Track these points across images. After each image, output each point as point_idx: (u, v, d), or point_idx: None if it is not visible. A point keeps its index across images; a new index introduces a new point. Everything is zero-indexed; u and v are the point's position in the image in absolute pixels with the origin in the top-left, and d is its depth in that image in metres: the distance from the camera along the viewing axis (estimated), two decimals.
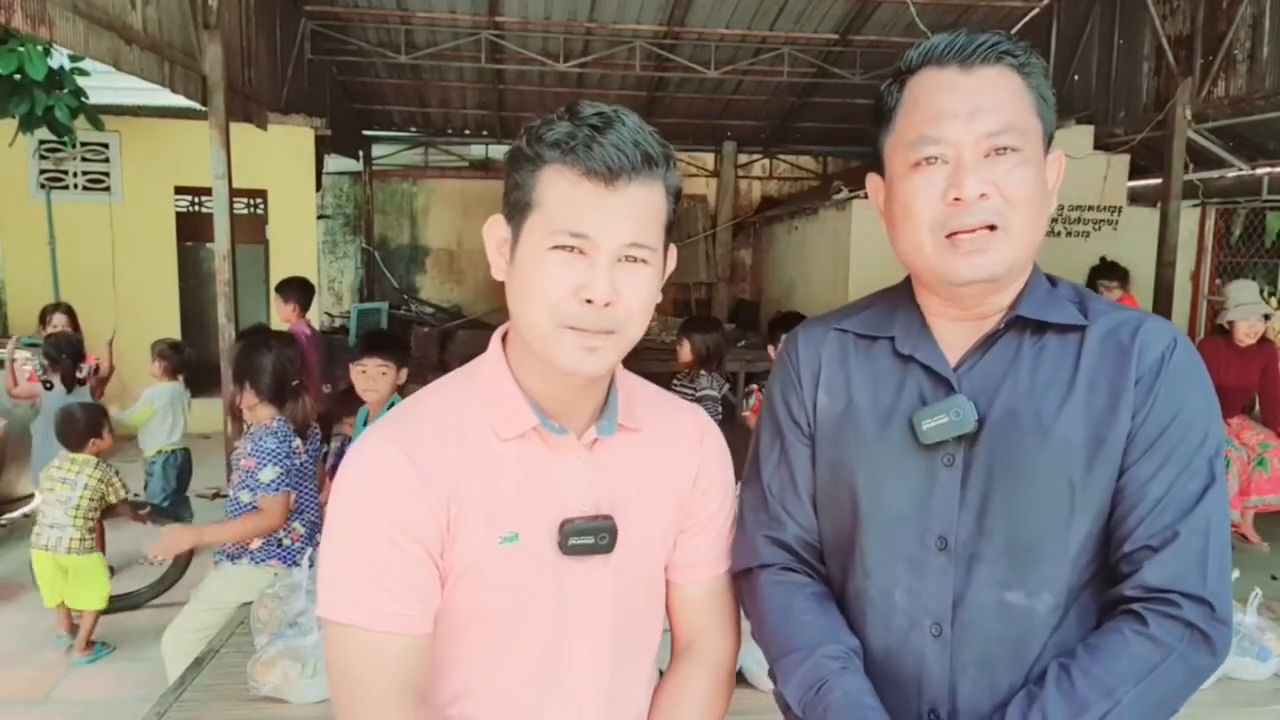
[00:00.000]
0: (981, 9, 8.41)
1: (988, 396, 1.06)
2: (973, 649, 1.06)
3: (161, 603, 4.46)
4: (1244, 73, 6.36)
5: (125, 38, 4.85)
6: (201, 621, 2.81)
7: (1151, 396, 1.03)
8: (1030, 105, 1.07)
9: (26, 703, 3.60)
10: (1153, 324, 1.08)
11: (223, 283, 6.08)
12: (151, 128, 8.02)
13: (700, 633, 1.23)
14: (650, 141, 1.02)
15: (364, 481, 1.03)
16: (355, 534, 1.03)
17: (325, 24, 8.87)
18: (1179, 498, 1.01)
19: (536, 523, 1.06)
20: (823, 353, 1.18)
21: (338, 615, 1.02)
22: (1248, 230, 8.57)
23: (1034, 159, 1.06)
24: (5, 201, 8.09)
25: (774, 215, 12.23)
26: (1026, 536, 1.05)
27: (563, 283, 0.99)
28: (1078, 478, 1.03)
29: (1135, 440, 1.03)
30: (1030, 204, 1.05)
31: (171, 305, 8.31)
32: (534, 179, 1.01)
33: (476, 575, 1.04)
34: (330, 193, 12.51)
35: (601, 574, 1.10)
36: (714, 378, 4.24)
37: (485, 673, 1.09)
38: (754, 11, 8.59)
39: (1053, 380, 1.06)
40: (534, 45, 9.33)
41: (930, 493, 1.07)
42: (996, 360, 1.08)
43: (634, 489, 1.13)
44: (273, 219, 8.65)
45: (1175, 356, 1.05)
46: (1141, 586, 1.01)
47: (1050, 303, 1.09)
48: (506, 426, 1.06)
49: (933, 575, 1.07)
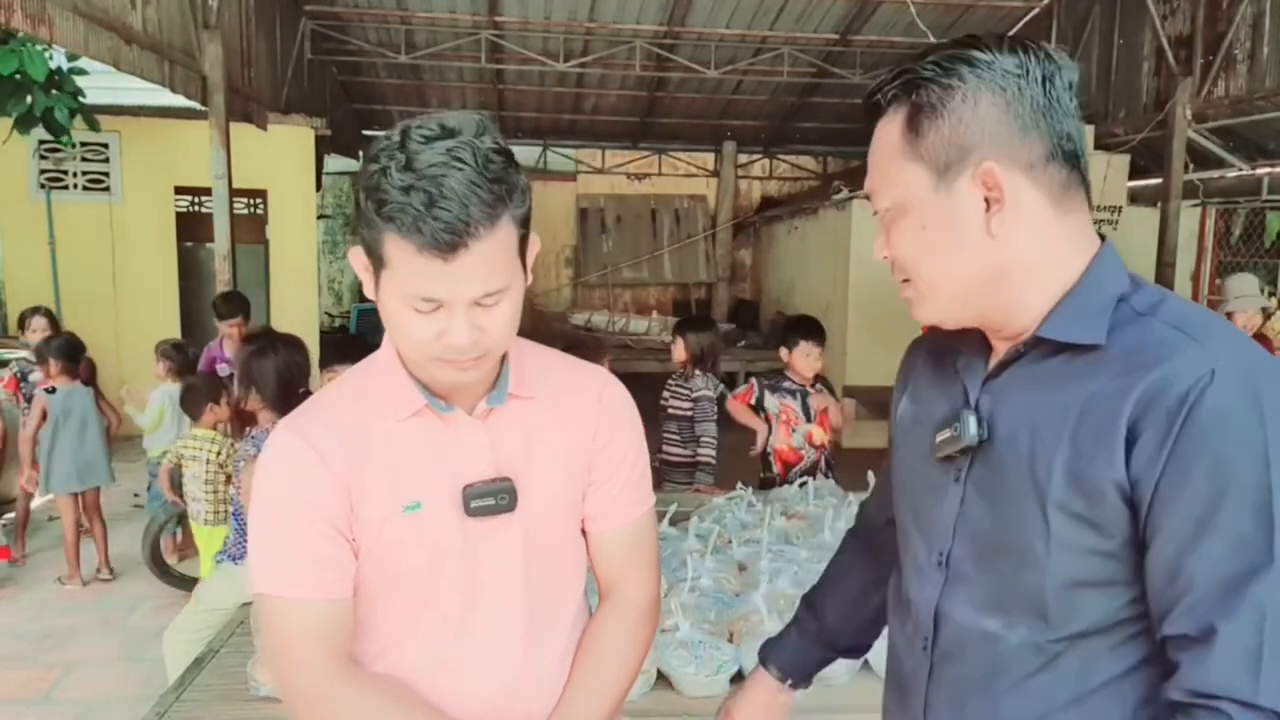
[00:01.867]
0: (981, 9, 8.41)
1: (999, 416, 1.01)
2: (949, 668, 1.05)
3: (162, 602, 4.47)
4: (1244, 73, 6.36)
5: (125, 38, 4.86)
6: (202, 621, 2.82)
7: (1168, 445, 0.85)
8: (901, 149, 0.98)
9: (26, 703, 3.60)
10: (1190, 355, 0.87)
11: (223, 283, 6.09)
12: (151, 128, 8.02)
13: (617, 578, 1.33)
14: (483, 194, 1.01)
15: (273, 469, 1.16)
16: (271, 516, 1.15)
17: (325, 24, 8.88)
18: (1221, 579, 0.84)
19: (439, 490, 1.17)
20: (915, 362, 1.21)
21: (264, 588, 1.14)
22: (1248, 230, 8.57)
23: (920, 210, 0.98)
24: (5, 201, 8.09)
25: (774, 215, 12.23)
26: (1005, 565, 0.98)
27: (426, 332, 1.07)
28: (1053, 514, 0.92)
29: (1162, 499, 0.86)
30: (926, 258, 1.00)
31: (171, 305, 8.31)
32: (379, 239, 1.04)
33: (385, 543, 1.15)
34: (330, 193, 12.52)
35: (507, 531, 1.20)
36: (709, 378, 4.23)
37: (405, 629, 1.20)
38: (754, 11, 8.59)
39: (1056, 404, 0.95)
40: (534, 45, 9.33)
41: (939, 506, 1.06)
42: (1013, 379, 1.01)
43: (532, 450, 1.22)
44: (273, 219, 8.66)
45: (1208, 397, 0.84)
46: (1183, 689, 0.86)
47: (1081, 319, 0.96)
48: (400, 408, 1.17)
49: (928, 589, 1.07)
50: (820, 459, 4.02)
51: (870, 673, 2.17)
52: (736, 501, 3.24)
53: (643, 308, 12.71)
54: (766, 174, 13.24)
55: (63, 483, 4.79)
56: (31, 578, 4.87)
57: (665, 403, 4.27)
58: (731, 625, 2.27)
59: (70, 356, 4.81)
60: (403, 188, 1.00)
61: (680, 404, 4.22)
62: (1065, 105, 0.95)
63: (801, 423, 4.03)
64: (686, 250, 12.92)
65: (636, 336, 10.44)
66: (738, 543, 2.83)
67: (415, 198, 0.99)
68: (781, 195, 13.12)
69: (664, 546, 2.77)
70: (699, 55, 9.41)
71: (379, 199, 1.01)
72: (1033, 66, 0.94)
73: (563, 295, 12.84)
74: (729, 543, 2.84)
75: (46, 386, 4.82)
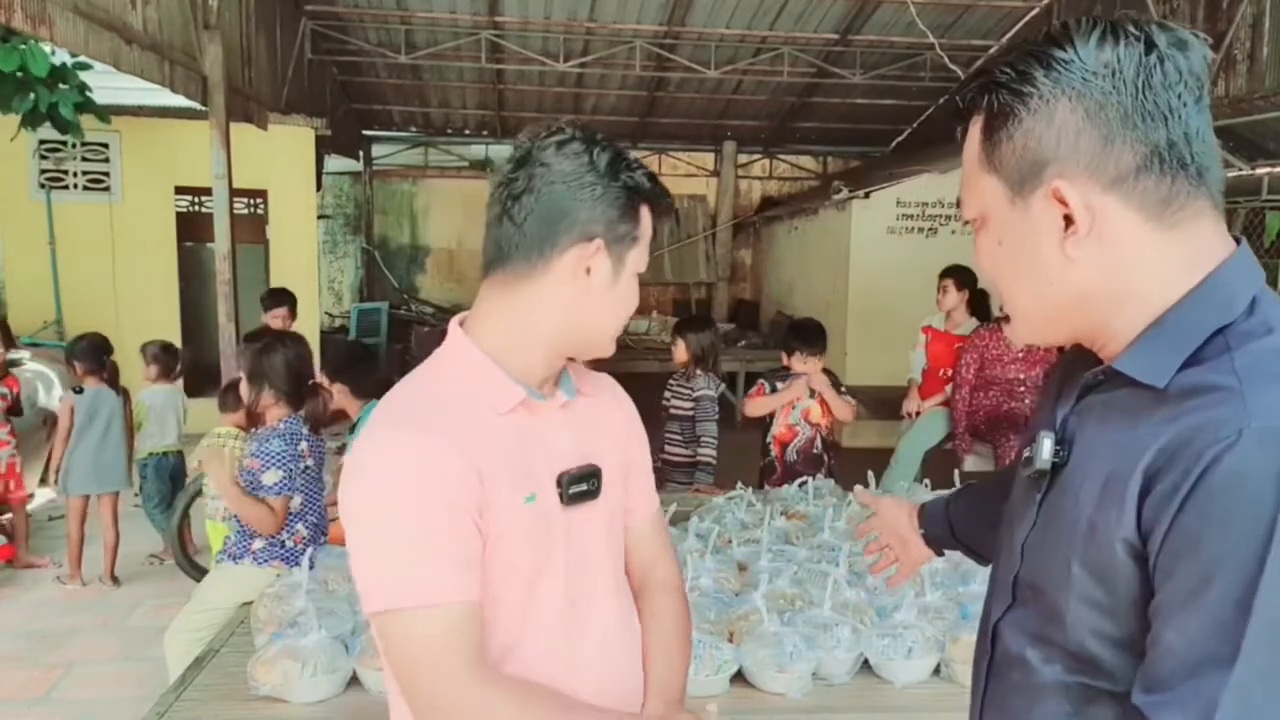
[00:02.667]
0: (981, 9, 8.41)
1: (1078, 441, 0.94)
2: (997, 689, 1.03)
3: (162, 602, 4.46)
4: (1244, 73, 6.36)
5: (125, 37, 4.85)
6: (202, 621, 2.81)
7: (1175, 504, 0.79)
8: (979, 158, 0.92)
9: (26, 702, 3.60)
10: (1227, 408, 0.78)
11: (223, 283, 6.09)
12: (152, 127, 8.02)
13: (653, 564, 1.41)
14: None
15: (401, 465, 1.09)
16: (400, 520, 1.08)
17: (325, 24, 8.88)
18: (1184, 662, 0.78)
19: (543, 481, 1.18)
20: (1057, 372, 1.12)
21: (397, 602, 1.07)
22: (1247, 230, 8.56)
23: (998, 225, 0.92)
24: (5, 201, 8.09)
25: (774, 215, 12.23)
26: (1045, 599, 0.94)
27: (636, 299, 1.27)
28: (1075, 563, 0.88)
29: (1163, 561, 0.80)
30: (1007, 277, 0.94)
31: (172, 305, 8.31)
32: (636, 215, 1.20)
33: (509, 537, 1.14)
34: (330, 192, 12.52)
35: (593, 518, 1.25)
36: (710, 378, 4.25)
37: (520, 624, 1.18)
38: (754, 11, 8.59)
39: (1109, 444, 0.88)
40: (534, 45, 9.33)
41: (1019, 526, 1.01)
42: (1091, 407, 0.94)
43: (599, 441, 1.28)
44: (273, 219, 8.65)
45: (1227, 462, 0.76)
46: None
47: (1158, 354, 0.85)
48: (502, 401, 1.17)
49: (997, 606, 1.04)
50: (816, 436, 4.06)
51: (870, 673, 2.18)
52: (736, 501, 3.24)
53: (643, 308, 12.71)
54: (766, 174, 13.23)
55: (80, 484, 4.75)
56: (31, 578, 4.87)
57: (667, 403, 4.29)
58: (731, 625, 2.27)
59: (95, 358, 4.78)
60: (646, 173, 1.20)
61: (682, 404, 4.24)
62: (1170, 104, 0.83)
63: (803, 399, 4.08)
64: (686, 250, 12.92)
65: (636, 336, 10.44)
66: (738, 543, 2.84)
67: (650, 177, 1.21)
68: (781, 195, 13.12)
69: None
70: (699, 55, 9.41)
71: (636, 179, 1.18)
72: (1125, 63, 0.83)
73: None
74: (729, 543, 2.84)
75: (74, 386, 4.81)
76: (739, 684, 2.12)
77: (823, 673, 2.15)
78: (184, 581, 4.62)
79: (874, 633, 2.19)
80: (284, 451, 2.92)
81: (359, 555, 1.11)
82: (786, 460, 4.06)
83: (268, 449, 2.92)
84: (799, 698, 2.08)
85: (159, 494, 5.06)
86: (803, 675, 2.08)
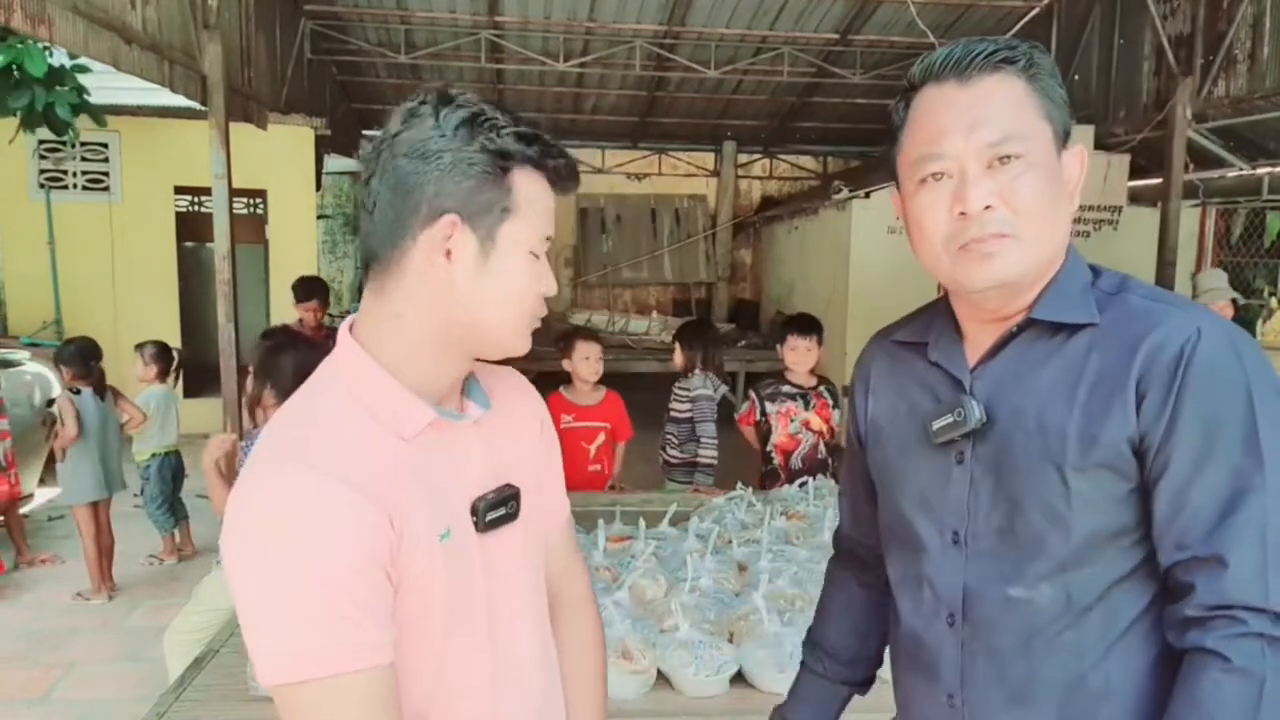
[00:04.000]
0: (981, 9, 8.41)
1: (998, 397, 1.09)
2: (982, 640, 1.12)
3: (161, 603, 4.46)
4: (1244, 72, 6.36)
5: (125, 37, 4.85)
6: (202, 621, 2.82)
7: (1169, 401, 0.98)
8: (1035, 108, 1.06)
9: (26, 702, 3.60)
10: (1176, 319, 1.01)
11: (223, 283, 6.08)
12: (151, 127, 8.02)
13: (568, 578, 1.30)
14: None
15: (299, 515, 0.92)
16: (311, 574, 0.91)
17: (325, 24, 8.87)
18: (1220, 504, 0.96)
19: (457, 511, 1.05)
20: (873, 364, 1.29)
21: (317, 670, 0.91)
22: (1248, 230, 8.57)
23: (1042, 162, 1.05)
24: (5, 201, 8.09)
25: (774, 215, 12.22)
26: (1024, 532, 1.06)
27: (542, 284, 1.08)
28: (1071, 475, 1.02)
29: (1166, 443, 0.98)
30: (1039, 209, 1.05)
31: (171, 305, 8.31)
32: (504, 181, 1.02)
33: (425, 580, 1.00)
34: (330, 192, 12.51)
35: (511, 541, 1.12)
36: (708, 379, 4.25)
37: (440, 669, 1.05)
38: (754, 11, 8.59)
39: (1059, 380, 1.05)
40: (534, 45, 9.33)
41: (945, 489, 1.13)
42: (1009, 361, 1.10)
43: (515, 452, 1.15)
44: (273, 219, 8.66)
45: (1200, 353, 0.97)
46: (1199, 605, 0.96)
47: (1072, 302, 1.07)
48: (408, 425, 1.01)
49: (947, 568, 1.14)
50: (819, 442, 4.05)
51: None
52: (736, 501, 3.24)
53: (643, 308, 12.70)
54: (766, 174, 13.22)
55: (85, 493, 4.65)
56: (31, 578, 4.87)
57: (670, 406, 4.29)
58: (731, 625, 2.27)
59: (83, 362, 4.72)
60: (510, 130, 1.01)
61: (680, 406, 4.24)
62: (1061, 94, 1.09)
63: (800, 412, 4.05)
64: (686, 250, 12.91)
65: (636, 336, 10.43)
66: (738, 543, 2.83)
67: (526, 139, 1.02)
68: (781, 195, 13.11)
69: (664, 546, 2.77)
70: (699, 55, 9.41)
71: (494, 142, 1.00)
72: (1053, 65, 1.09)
73: (563, 295, 12.83)
74: (729, 543, 2.84)
75: (70, 388, 4.77)
76: (739, 684, 2.12)
77: None
78: (184, 581, 4.62)
79: None
80: None
81: (253, 620, 0.93)
82: (791, 468, 4.05)
83: None
84: None
85: (161, 494, 5.07)
86: None
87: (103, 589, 4.62)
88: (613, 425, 4.11)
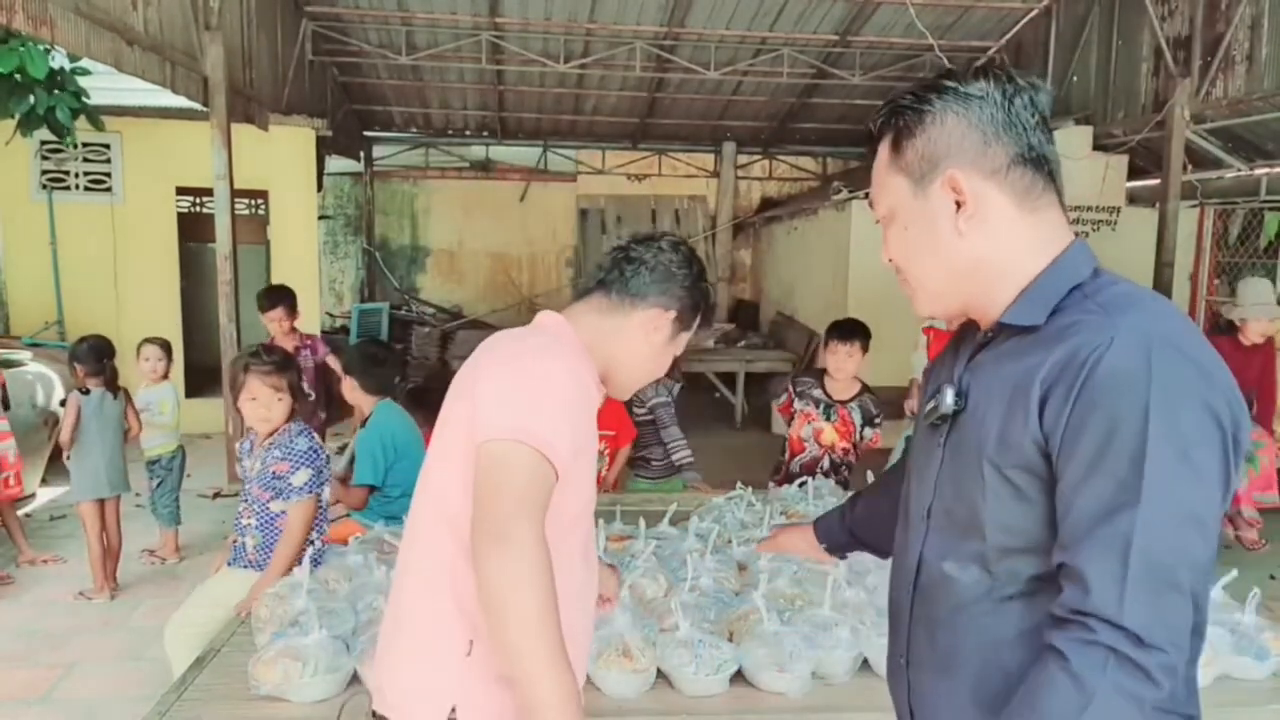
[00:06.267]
0: (980, 10, 8.42)
1: (972, 388, 1.18)
2: (923, 608, 1.23)
3: (162, 602, 4.47)
4: (1242, 73, 6.37)
5: (126, 39, 4.86)
6: (205, 616, 2.81)
7: (1067, 408, 1.01)
8: (891, 167, 1.17)
9: (26, 702, 3.60)
10: (1095, 327, 1.03)
11: (224, 283, 6.10)
12: (153, 128, 8.02)
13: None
14: None
15: (574, 378, 1.44)
16: (568, 401, 1.40)
17: (326, 25, 8.89)
18: (1095, 514, 0.98)
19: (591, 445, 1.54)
20: (942, 354, 1.38)
21: (536, 441, 1.32)
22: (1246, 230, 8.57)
23: (904, 215, 1.17)
24: (7, 202, 8.10)
25: (773, 216, 12.23)
26: (959, 515, 1.16)
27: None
28: (988, 470, 1.09)
29: (1064, 448, 1.02)
30: (911, 258, 1.19)
31: (173, 306, 8.31)
32: (699, 311, 1.68)
33: (584, 474, 1.49)
34: (331, 193, 12.52)
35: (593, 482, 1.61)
36: (658, 386, 4.15)
37: (569, 557, 1.49)
38: (754, 12, 8.60)
39: (1005, 379, 1.11)
40: (534, 46, 9.34)
41: (927, 467, 1.24)
42: (985, 360, 1.18)
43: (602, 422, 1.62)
44: (274, 219, 8.66)
45: (1105, 362, 0.99)
46: (1064, 607, 1.00)
47: (1034, 305, 1.11)
48: (594, 388, 1.53)
49: (915, 537, 1.25)
50: (825, 457, 4.04)
51: (870, 672, 2.18)
52: (736, 501, 3.25)
53: None
54: (766, 174, 13.23)
55: (92, 489, 4.66)
56: (32, 577, 4.87)
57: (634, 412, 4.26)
58: (731, 625, 2.28)
59: (97, 360, 4.72)
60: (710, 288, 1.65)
61: (640, 412, 4.23)
62: (1026, 120, 1.12)
63: (817, 420, 4.05)
64: None
65: None
66: (738, 542, 2.84)
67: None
68: (781, 196, 13.11)
69: (664, 546, 2.78)
70: (699, 56, 9.42)
71: (708, 290, 1.65)
72: (993, 89, 1.11)
73: (563, 295, 12.84)
74: (729, 542, 2.85)
75: (79, 388, 4.78)
76: (739, 684, 2.13)
77: (822, 672, 2.15)
78: (185, 581, 4.63)
79: (873, 632, 2.20)
80: (310, 449, 2.94)
81: (534, 400, 1.36)
82: (791, 470, 4.06)
83: (295, 449, 2.92)
84: (799, 697, 2.08)
85: (171, 491, 5.08)
86: (802, 675, 2.09)
87: (105, 588, 4.62)
88: (616, 432, 4.12)
